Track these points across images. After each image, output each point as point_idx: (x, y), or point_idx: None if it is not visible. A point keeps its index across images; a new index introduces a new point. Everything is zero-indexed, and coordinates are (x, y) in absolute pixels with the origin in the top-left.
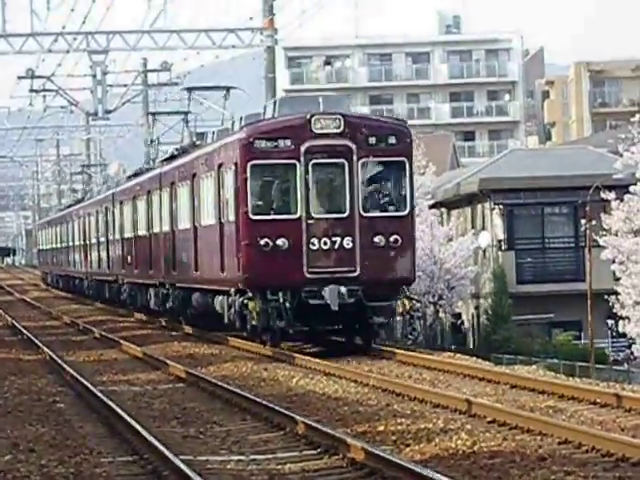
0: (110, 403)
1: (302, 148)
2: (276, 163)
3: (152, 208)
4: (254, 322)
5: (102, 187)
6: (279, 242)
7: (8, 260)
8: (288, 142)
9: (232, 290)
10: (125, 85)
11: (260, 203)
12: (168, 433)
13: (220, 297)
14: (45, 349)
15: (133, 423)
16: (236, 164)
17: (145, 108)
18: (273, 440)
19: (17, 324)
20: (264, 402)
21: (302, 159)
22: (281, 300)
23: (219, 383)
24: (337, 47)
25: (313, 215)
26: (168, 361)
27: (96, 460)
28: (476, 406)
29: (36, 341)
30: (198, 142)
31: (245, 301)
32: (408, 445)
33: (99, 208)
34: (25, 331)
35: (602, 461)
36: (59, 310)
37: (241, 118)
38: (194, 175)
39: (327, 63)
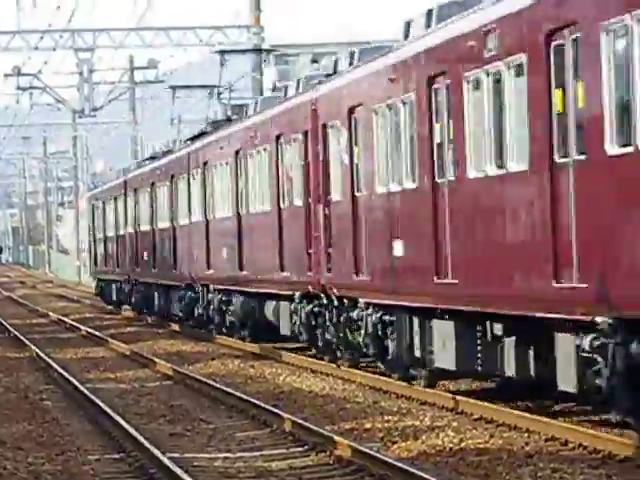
0: (97, 401)
1: None
2: None
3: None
4: None
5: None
6: None
7: None
8: None
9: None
10: (112, 83)
11: None
12: (155, 431)
13: None
14: (32, 347)
15: (120, 421)
16: None
17: (132, 105)
18: (260, 437)
19: (4, 322)
20: (251, 399)
21: None
22: None
23: (206, 381)
24: (324, 45)
25: None
26: (155, 359)
27: (83, 458)
28: (463, 403)
29: (23, 339)
30: None
31: None
32: (395, 442)
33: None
34: (12, 329)
35: (589, 458)
36: (46, 307)
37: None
38: None
39: (314, 61)
